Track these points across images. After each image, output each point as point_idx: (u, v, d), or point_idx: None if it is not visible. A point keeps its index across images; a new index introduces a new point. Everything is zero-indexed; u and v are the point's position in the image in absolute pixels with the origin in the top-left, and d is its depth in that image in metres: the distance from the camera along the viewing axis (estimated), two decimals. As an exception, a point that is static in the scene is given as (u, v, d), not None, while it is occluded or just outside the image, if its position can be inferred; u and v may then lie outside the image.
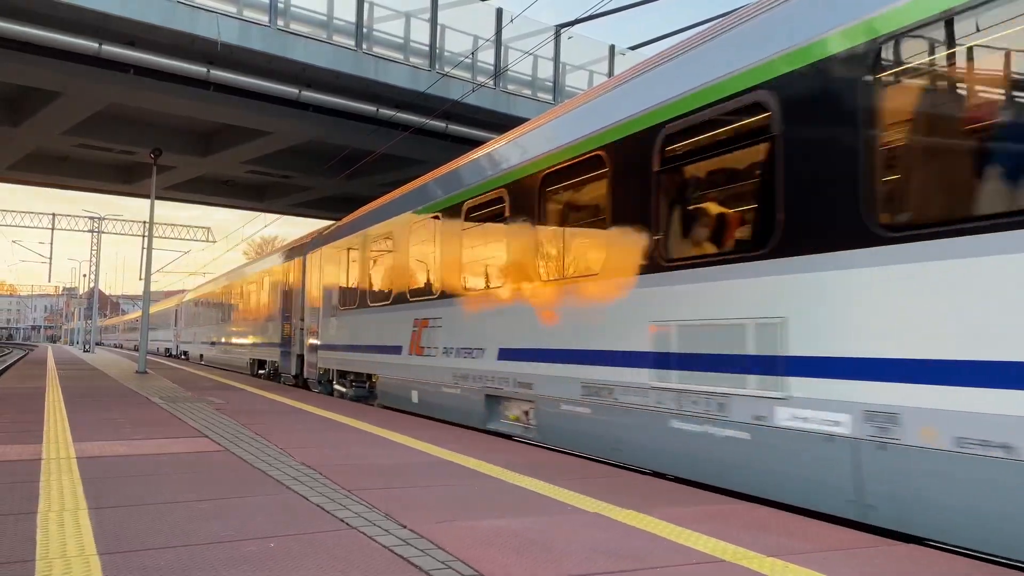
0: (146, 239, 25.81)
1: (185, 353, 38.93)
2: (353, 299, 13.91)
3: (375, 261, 13.00)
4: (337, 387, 14.84)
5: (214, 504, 4.69)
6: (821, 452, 4.72)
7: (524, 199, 8.16)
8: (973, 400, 3.91)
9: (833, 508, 4.70)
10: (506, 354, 8.34)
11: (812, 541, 4.07)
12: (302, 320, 17.62)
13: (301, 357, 17.69)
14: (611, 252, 6.75)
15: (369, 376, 13.12)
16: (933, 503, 4.13)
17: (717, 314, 5.52)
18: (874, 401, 4.40)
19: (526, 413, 8.18)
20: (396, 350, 11.48)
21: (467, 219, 9.57)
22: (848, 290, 4.63)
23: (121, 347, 68.72)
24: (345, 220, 15.80)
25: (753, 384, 5.20)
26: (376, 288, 12.76)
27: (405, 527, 4.17)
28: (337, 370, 14.85)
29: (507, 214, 8.52)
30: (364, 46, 19.05)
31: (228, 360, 27.38)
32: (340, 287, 14.85)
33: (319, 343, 16.01)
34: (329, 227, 17.48)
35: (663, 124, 6.16)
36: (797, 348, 4.93)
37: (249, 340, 23.87)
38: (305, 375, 17.15)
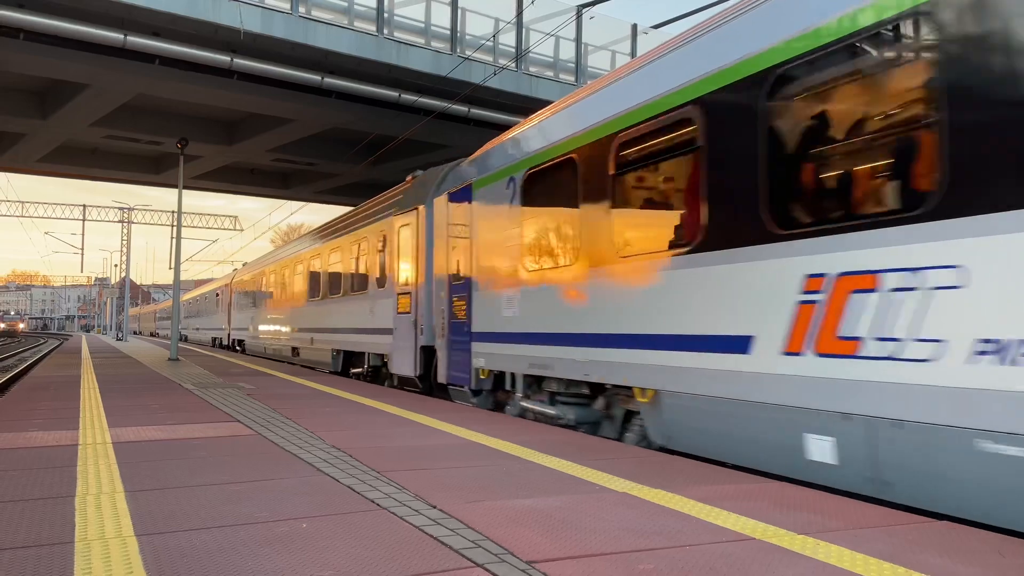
0: (175, 228, 26.25)
1: (381, 369, 14.09)
2: None
3: None
4: None
5: (247, 486, 4.76)
6: None
7: None
8: None
9: None
10: None
11: (843, 519, 4.04)
12: None
13: None
14: None
15: None
16: None
17: None
18: None
19: None
20: None
21: None
22: None
23: (184, 339, 48.08)
24: None
25: None
26: None
27: (435, 507, 4.20)
28: None
29: None
30: (385, 31, 19.06)
31: None
32: None
33: None
34: None
35: None
36: None
37: None
38: None
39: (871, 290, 4.56)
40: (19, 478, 4.97)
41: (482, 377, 9.73)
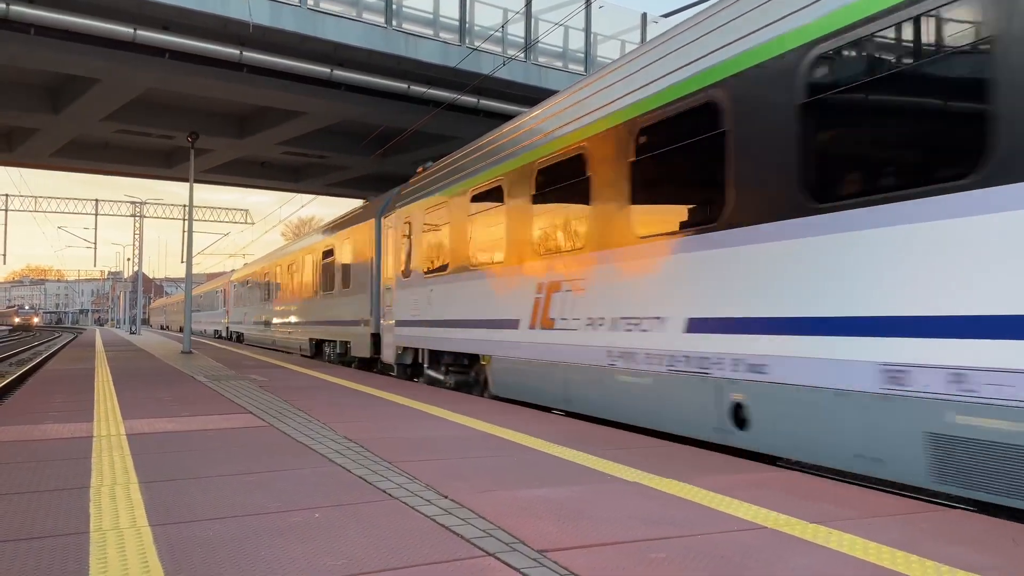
0: (187, 222, 25.74)
1: None
2: None
3: None
4: None
5: (260, 477, 4.79)
6: None
7: None
8: None
9: None
10: None
11: (857, 508, 4.02)
12: None
13: None
14: None
15: None
16: None
17: None
18: None
19: None
20: None
21: None
22: None
23: (236, 338, 32.94)
24: None
25: None
26: None
27: (446, 497, 4.21)
28: None
29: None
30: (394, 23, 19.04)
31: None
32: None
33: None
34: None
35: None
36: None
37: None
38: None
39: None
40: (35, 469, 5.01)
41: None
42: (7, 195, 51.08)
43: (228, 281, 38.52)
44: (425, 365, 12.57)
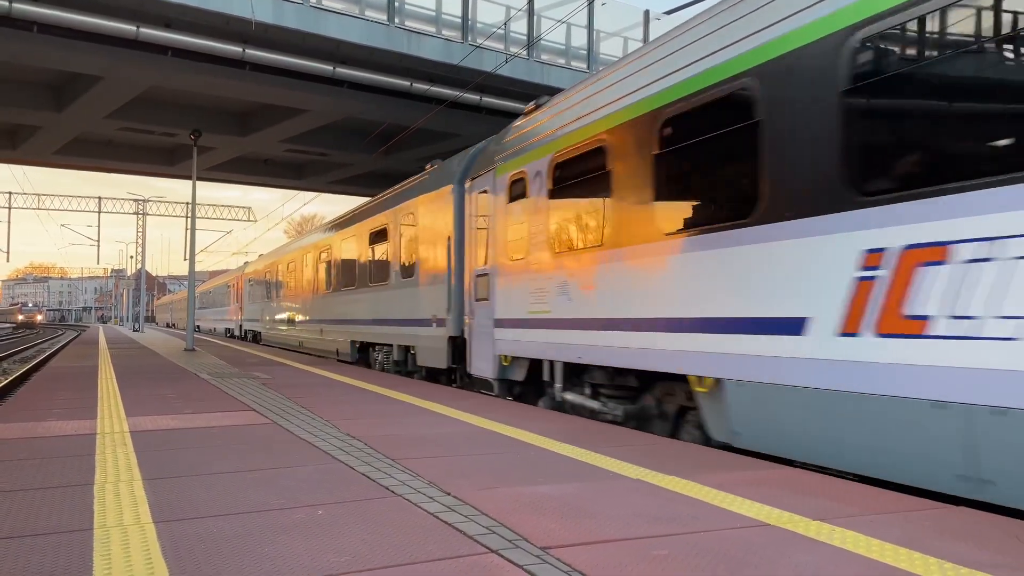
0: (189, 219, 25.59)
1: None
2: None
3: None
4: None
5: (263, 474, 4.79)
6: None
7: None
8: None
9: None
10: None
11: (859, 505, 4.02)
12: None
13: None
14: None
15: None
16: None
17: None
18: None
19: None
20: None
21: None
22: None
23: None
24: None
25: None
26: None
27: (449, 494, 4.22)
28: None
29: None
30: (396, 20, 19.03)
31: None
32: None
33: None
34: None
35: None
36: None
37: None
38: None
39: None
40: (39, 466, 5.03)
41: None
42: (10, 193, 51.18)
43: (242, 275, 34.33)
44: (556, 384, 8.65)
